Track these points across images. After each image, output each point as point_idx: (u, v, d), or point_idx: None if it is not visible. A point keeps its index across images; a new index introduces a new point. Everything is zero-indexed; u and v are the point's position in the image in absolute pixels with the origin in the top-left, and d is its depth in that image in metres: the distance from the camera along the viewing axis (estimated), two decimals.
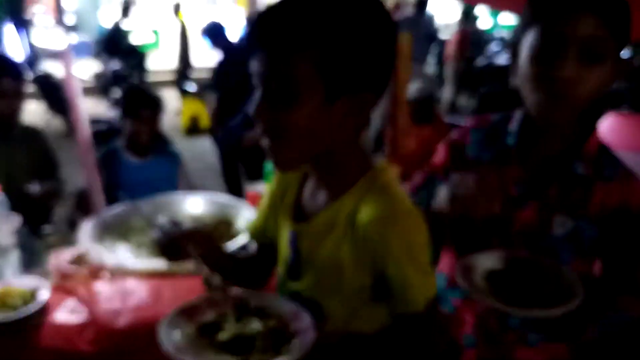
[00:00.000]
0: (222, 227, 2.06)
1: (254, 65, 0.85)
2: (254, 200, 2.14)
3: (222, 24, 4.59)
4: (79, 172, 2.72)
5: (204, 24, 4.77)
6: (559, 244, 1.11)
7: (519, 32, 1.08)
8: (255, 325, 0.87)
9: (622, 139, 2.69)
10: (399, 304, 0.91)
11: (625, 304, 1.10)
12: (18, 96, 2.22)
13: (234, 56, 4.36)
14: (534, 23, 1.02)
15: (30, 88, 6.02)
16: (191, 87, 7.28)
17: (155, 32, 10.99)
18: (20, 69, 2.33)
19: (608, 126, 2.96)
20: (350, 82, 0.84)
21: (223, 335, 0.86)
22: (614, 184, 1.07)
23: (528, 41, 1.04)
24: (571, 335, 1.09)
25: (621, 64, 1.02)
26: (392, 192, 0.91)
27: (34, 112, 6.91)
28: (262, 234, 1.14)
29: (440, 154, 1.31)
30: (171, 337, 0.84)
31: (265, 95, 0.85)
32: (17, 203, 2.04)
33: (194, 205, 2.24)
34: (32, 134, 2.47)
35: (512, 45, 1.12)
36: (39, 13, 10.58)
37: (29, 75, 6.63)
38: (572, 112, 1.04)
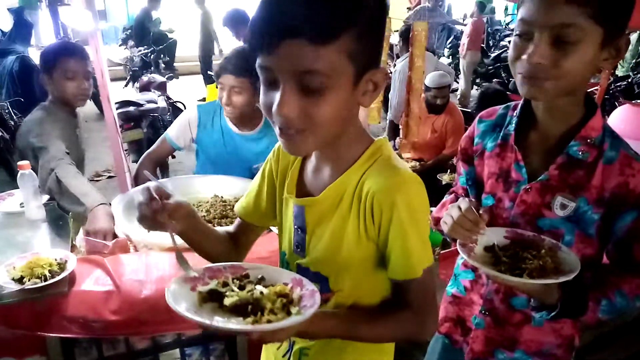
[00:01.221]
0: None
1: (274, 60, 0.77)
2: None
3: (244, 12, 4.54)
4: (108, 153, 2.76)
5: (225, 12, 4.74)
6: (561, 225, 1.10)
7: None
8: (261, 290, 0.84)
9: (636, 129, 2.62)
10: (399, 269, 0.91)
11: (628, 286, 1.08)
12: (87, 78, 2.18)
13: None
14: (519, 9, 1.02)
15: None
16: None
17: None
18: (85, 51, 2.27)
19: (621, 116, 2.88)
20: (372, 59, 0.83)
21: (228, 301, 0.83)
22: (615, 166, 1.04)
23: (514, 27, 1.05)
24: (573, 314, 1.07)
25: (613, 47, 0.99)
26: (395, 163, 0.92)
27: None
28: (252, 214, 1.13)
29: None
30: (179, 305, 0.81)
31: (296, 89, 0.78)
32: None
33: (216, 185, 2.25)
34: (81, 119, 2.45)
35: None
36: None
37: None
38: (555, 93, 1.01)
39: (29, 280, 1.46)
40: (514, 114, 1.17)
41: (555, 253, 1.05)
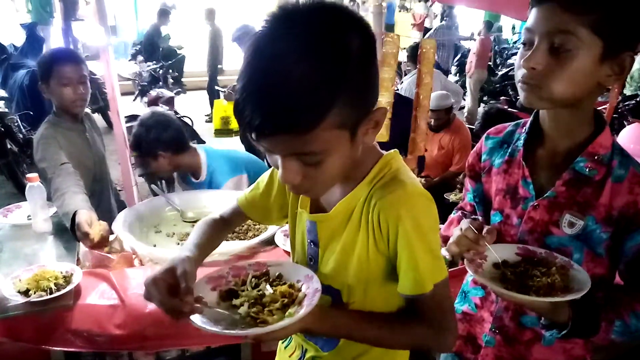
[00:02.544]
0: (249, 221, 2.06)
1: (267, 144, 0.78)
2: None
3: (253, 28, 4.59)
4: (115, 166, 2.78)
5: (234, 28, 4.79)
6: (570, 243, 1.08)
7: None
8: (267, 291, 0.90)
9: None
10: (407, 284, 0.90)
11: None
12: (82, 82, 2.19)
13: None
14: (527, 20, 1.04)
15: None
16: (221, 89, 7.34)
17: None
18: (80, 56, 2.30)
19: (630, 135, 2.87)
20: (366, 109, 0.83)
21: (238, 301, 0.90)
22: (624, 185, 1.03)
23: None
24: (584, 333, 1.05)
25: (616, 63, 0.98)
26: (403, 177, 0.92)
27: None
28: (255, 211, 1.17)
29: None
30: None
31: (294, 161, 0.81)
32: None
33: (222, 199, 2.25)
34: (93, 121, 2.47)
35: None
36: (86, 14, 10.72)
37: None
38: (550, 101, 1.01)
39: (34, 293, 1.47)
40: (523, 131, 1.17)
41: (566, 271, 1.03)
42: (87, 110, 2.34)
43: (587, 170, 1.06)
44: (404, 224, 0.86)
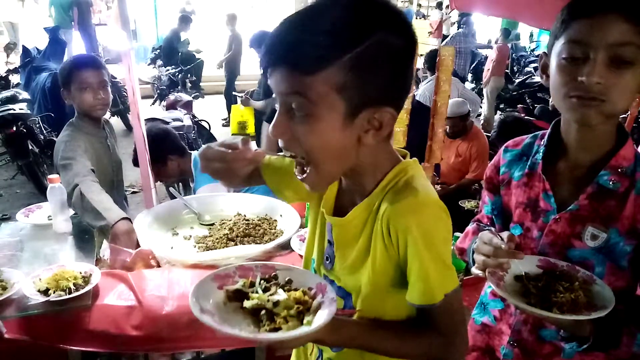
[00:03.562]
0: (265, 224, 2.07)
1: (270, 82, 0.84)
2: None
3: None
4: (132, 169, 2.81)
5: (252, 34, 4.82)
6: (592, 256, 1.07)
7: (549, 45, 1.05)
8: (281, 295, 0.86)
9: None
10: (416, 294, 0.89)
11: None
12: (102, 87, 2.19)
13: None
14: (563, 32, 1.00)
15: None
16: (239, 95, 7.38)
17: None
18: (100, 62, 2.33)
19: None
20: (373, 97, 0.82)
21: (248, 303, 0.86)
22: None
23: (557, 50, 1.01)
24: (606, 347, 1.03)
25: None
26: (415, 184, 0.90)
27: None
28: (271, 177, 1.16)
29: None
30: (200, 302, 0.85)
31: (284, 111, 0.83)
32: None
33: (239, 203, 2.26)
34: (111, 127, 2.50)
35: (542, 58, 1.10)
36: (107, 19, 10.87)
37: None
38: (607, 116, 0.99)
39: (54, 293, 1.48)
40: (542, 143, 1.16)
41: (589, 286, 1.01)
42: (107, 115, 2.37)
43: (611, 183, 1.04)
44: (412, 233, 0.85)
